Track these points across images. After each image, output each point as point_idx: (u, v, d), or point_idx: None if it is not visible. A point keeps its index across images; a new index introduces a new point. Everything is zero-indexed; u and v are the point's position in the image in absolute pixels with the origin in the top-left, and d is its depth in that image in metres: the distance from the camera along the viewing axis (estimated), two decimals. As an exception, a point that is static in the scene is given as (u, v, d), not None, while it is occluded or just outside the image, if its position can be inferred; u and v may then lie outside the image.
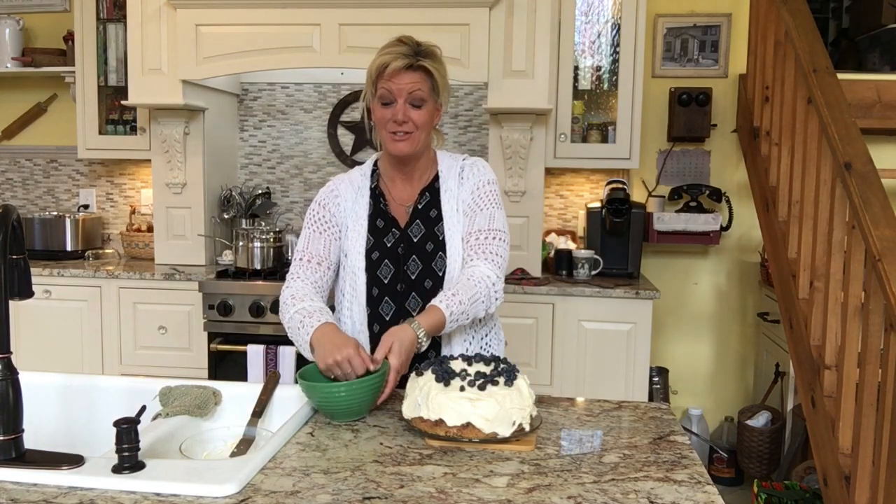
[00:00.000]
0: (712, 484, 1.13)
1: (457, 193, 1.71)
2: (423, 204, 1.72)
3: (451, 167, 1.75)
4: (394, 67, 1.58)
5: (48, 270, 3.16)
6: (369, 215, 1.71)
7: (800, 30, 2.50)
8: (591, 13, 3.28)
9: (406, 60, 1.58)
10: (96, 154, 3.51)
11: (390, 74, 1.59)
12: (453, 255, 1.67)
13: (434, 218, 1.70)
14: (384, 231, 1.70)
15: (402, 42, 1.62)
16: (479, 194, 1.70)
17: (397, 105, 1.61)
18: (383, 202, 1.72)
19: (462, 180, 1.73)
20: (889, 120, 3.17)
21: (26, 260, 1.18)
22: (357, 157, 3.60)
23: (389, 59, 1.58)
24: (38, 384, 1.51)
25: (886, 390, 1.76)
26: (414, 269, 1.68)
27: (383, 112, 1.63)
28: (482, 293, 1.58)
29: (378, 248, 1.69)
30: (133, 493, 1.04)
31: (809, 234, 2.36)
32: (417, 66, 1.59)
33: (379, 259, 1.68)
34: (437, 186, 1.73)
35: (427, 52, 1.62)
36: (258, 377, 2.85)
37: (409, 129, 1.62)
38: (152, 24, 3.10)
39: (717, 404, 3.59)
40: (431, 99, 1.63)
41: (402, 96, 1.60)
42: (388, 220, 1.71)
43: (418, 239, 1.69)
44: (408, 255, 1.68)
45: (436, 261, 1.67)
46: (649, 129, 3.46)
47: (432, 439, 1.26)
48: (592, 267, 3.13)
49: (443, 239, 1.68)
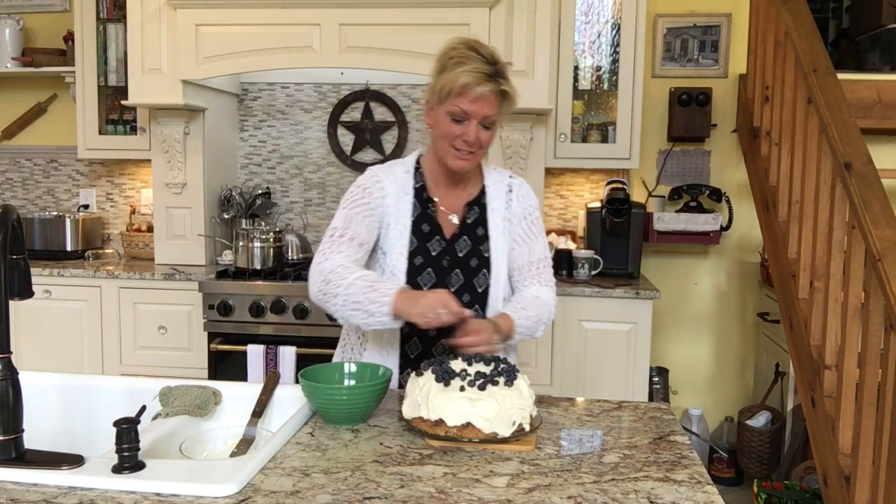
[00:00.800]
0: (712, 484, 1.13)
1: (504, 213, 1.72)
2: (472, 220, 1.70)
3: (497, 183, 1.74)
4: (479, 93, 1.52)
5: (48, 270, 3.16)
6: (414, 217, 1.68)
7: (800, 30, 2.50)
8: (591, 13, 3.28)
9: (492, 86, 1.53)
10: (96, 154, 3.51)
11: (474, 98, 1.53)
12: (497, 274, 1.69)
13: (481, 236, 1.70)
14: (428, 237, 1.67)
15: (478, 53, 1.54)
16: (532, 221, 1.74)
17: (470, 125, 1.56)
18: (431, 208, 1.69)
19: (510, 202, 1.73)
20: (889, 120, 3.17)
21: (26, 260, 1.18)
22: (357, 157, 3.60)
23: (473, 82, 1.52)
24: (38, 384, 1.51)
25: (886, 390, 1.76)
26: (455, 283, 1.67)
27: (451, 127, 1.57)
28: (545, 315, 1.67)
29: (421, 254, 1.66)
30: (133, 493, 1.05)
31: (809, 234, 2.36)
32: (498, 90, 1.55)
33: (422, 266, 1.66)
34: (483, 202, 1.72)
35: (504, 73, 1.56)
36: (258, 377, 2.85)
37: (476, 148, 1.59)
38: (152, 24, 3.09)
39: (717, 404, 3.59)
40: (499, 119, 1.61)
41: (478, 118, 1.56)
42: (433, 226, 1.68)
43: (464, 254, 1.68)
44: (451, 268, 1.67)
45: (478, 277, 1.68)
46: (649, 129, 3.46)
47: (432, 439, 1.26)
48: (592, 267, 3.13)
49: (488, 257, 1.69)
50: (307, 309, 2.90)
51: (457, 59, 1.54)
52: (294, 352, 2.86)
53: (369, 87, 3.57)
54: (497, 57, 1.57)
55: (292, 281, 2.95)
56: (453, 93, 1.54)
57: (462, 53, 1.54)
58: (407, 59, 2.90)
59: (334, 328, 2.97)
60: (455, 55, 1.54)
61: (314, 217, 3.67)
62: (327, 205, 3.66)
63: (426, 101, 1.62)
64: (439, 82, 1.56)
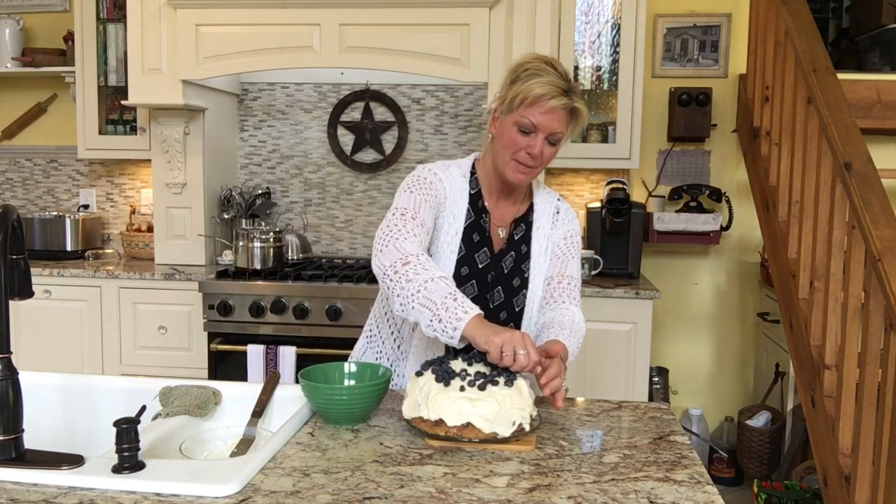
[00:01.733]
0: (712, 484, 1.13)
1: (548, 234, 1.70)
2: (519, 236, 1.68)
3: (546, 203, 1.72)
4: (552, 106, 1.50)
5: (48, 270, 3.16)
6: (466, 224, 1.63)
7: (800, 30, 2.50)
8: (591, 13, 3.28)
9: (565, 101, 1.51)
10: (96, 154, 3.51)
11: (546, 110, 1.50)
12: (533, 295, 1.66)
13: (524, 254, 1.67)
14: (477, 247, 1.64)
15: (554, 68, 1.53)
16: (572, 242, 1.72)
17: (537, 138, 1.53)
18: (485, 218, 1.65)
19: (555, 224, 1.71)
20: (889, 120, 3.17)
21: (26, 260, 1.18)
22: (357, 157, 3.60)
23: (549, 94, 1.49)
24: (38, 384, 1.51)
25: (886, 390, 1.76)
26: (497, 299, 1.64)
27: (517, 138, 1.54)
28: (581, 338, 1.62)
29: (468, 265, 1.62)
30: (133, 493, 1.04)
31: (809, 234, 2.36)
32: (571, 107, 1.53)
33: (467, 277, 1.62)
34: (530, 220, 1.69)
35: (576, 91, 1.55)
36: (258, 377, 2.85)
37: (538, 163, 1.56)
38: (152, 24, 3.09)
39: (717, 404, 3.59)
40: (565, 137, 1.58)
41: (546, 132, 1.53)
42: (484, 237, 1.65)
43: (508, 271, 1.66)
44: (495, 284, 1.65)
45: (517, 296, 1.65)
46: (649, 129, 3.46)
47: (432, 439, 1.26)
48: (592, 267, 3.13)
49: (527, 277, 1.67)
50: (307, 309, 2.90)
51: (532, 70, 1.52)
52: (294, 352, 2.86)
53: (369, 87, 3.57)
54: (569, 76, 1.55)
55: (292, 281, 2.95)
56: (525, 103, 1.50)
57: (537, 66, 1.52)
58: (407, 59, 2.90)
59: (334, 328, 2.99)
60: (530, 67, 1.52)
61: (314, 217, 3.67)
62: (327, 205, 3.65)
63: (492, 109, 1.60)
64: (511, 91, 1.52)
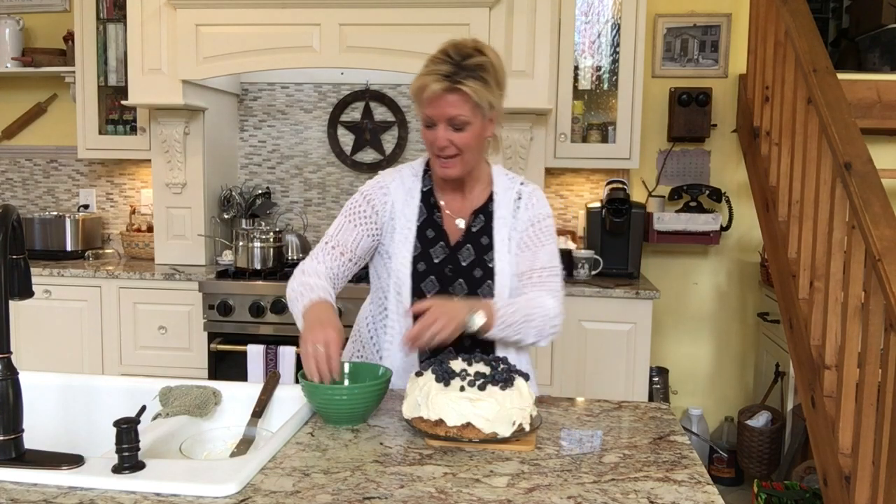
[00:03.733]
0: (712, 484, 1.13)
1: (511, 223, 1.65)
2: (477, 228, 1.66)
3: (506, 190, 1.68)
4: (431, 92, 1.49)
5: (48, 270, 3.16)
6: (420, 222, 1.65)
7: (800, 30, 2.50)
8: (591, 13, 3.28)
9: (444, 84, 1.48)
10: (96, 154, 3.51)
11: (429, 100, 1.51)
12: (500, 285, 1.63)
13: (485, 245, 1.65)
14: (432, 243, 1.65)
15: (447, 56, 1.50)
16: (540, 228, 1.66)
17: (438, 129, 1.53)
18: (437, 213, 1.66)
19: (518, 210, 1.66)
20: (889, 120, 3.17)
21: (26, 260, 1.18)
22: (357, 157, 3.60)
23: (427, 82, 1.49)
24: (38, 384, 1.51)
25: (886, 390, 1.76)
26: (459, 292, 1.63)
27: (427, 135, 1.56)
28: (539, 318, 1.57)
29: (424, 260, 1.63)
30: (133, 493, 1.04)
31: (809, 234, 2.36)
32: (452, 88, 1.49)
33: (425, 272, 1.63)
34: (490, 210, 1.67)
35: (471, 67, 1.49)
36: (258, 377, 2.85)
37: (453, 152, 1.54)
38: (152, 24, 3.09)
39: (717, 404, 3.59)
40: (477, 117, 1.52)
41: (443, 121, 1.52)
42: (438, 232, 1.65)
43: (467, 264, 1.64)
44: (455, 277, 1.64)
45: (482, 288, 1.64)
46: (649, 129, 3.46)
47: (432, 439, 1.26)
48: (592, 267, 3.13)
49: (492, 267, 1.64)
50: (307, 309, 2.89)
51: (425, 64, 1.53)
52: (294, 352, 2.85)
53: (369, 87, 3.57)
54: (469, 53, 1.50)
55: (292, 281, 2.95)
56: (415, 100, 1.55)
57: (431, 57, 1.53)
58: (407, 59, 2.89)
59: (334, 328, 2.99)
60: (427, 61, 1.54)
61: (314, 217, 3.67)
62: (327, 205, 3.65)
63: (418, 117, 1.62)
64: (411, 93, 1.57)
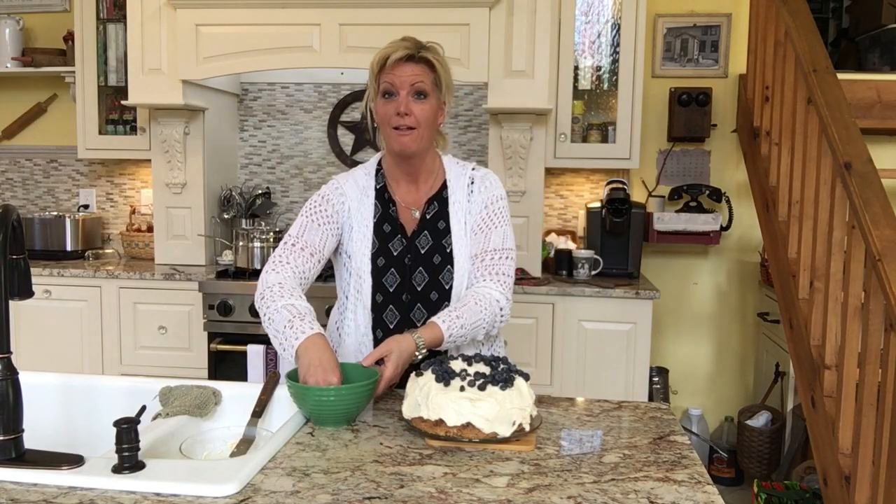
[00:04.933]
0: (712, 484, 1.13)
1: (466, 206, 1.69)
2: (431, 214, 1.69)
3: (459, 176, 1.72)
4: (395, 58, 1.57)
5: (48, 270, 3.16)
6: (376, 218, 1.68)
7: (800, 30, 2.50)
8: (591, 13, 3.28)
9: (408, 52, 1.58)
10: (96, 154, 3.51)
11: (392, 66, 1.58)
12: (460, 270, 1.66)
13: (442, 230, 1.68)
14: (390, 236, 1.67)
15: (404, 39, 1.62)
16: (493, 210, 1.69)
17: (400, 97, 1.59)
18: (392, 208, 1.69)
19: (471, 193, 1.70)
20: (889, 120, 3.18)
21: (26, 260, 1.18)
22: (357, 157, 3.60)
23: (391, 51, 1.58)
24: (38, 384, 1.51)
25: (886, 390, 1.76)
26: (420, 281, 1.66)
27: (386, 107, 1.61)
28: (486, 318, 1.59)
29: (384, 255, 1.66)
30: (133, 493, 1.04)
31: (809, 234, 2.36)
32: (419, 57, 1.59)
33: (385, 266, 1.66)
34: (444, 196, 1.70)
35: (429, 47, 1.63)
36: (258, 377, 2.85)
37: (412, 122, 1.59)
38: (152, 24, 3.09)
39: (717, 404, 3.59)
40: (434, 94, 1.62)
41: (405, 88, 1.58)
42: (395, 225, 1.68)
43: (426, 251, 1.67)
44: (415, 266, 1.66)
45: (443, 274, 1.66)
46: (649, 129, 3.46)
47: (432, 439, 1.26)
48: (592, 267, 3.13)
49: (450, 252, 1.66)
50: (307, 309, 2.89)
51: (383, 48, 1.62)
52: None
53: (369, 87, 3.56)
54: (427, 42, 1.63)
55: (292, 281, 2.95)
56: (375, 70, 1.61)
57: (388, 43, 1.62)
58: (407, 59, 2.89)
59: (334, 328, 2.99)
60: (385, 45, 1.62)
61: (314, 217, 3.66)
62: (327, 205, 3.65)
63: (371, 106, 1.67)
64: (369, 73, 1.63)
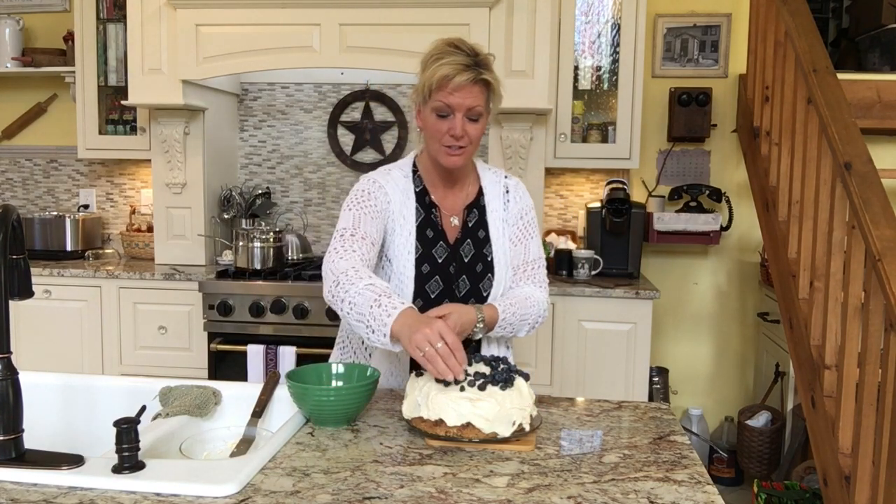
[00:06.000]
0: (712, 484, 1.13)
1: (502, 215, 1.72)
2: (473, 222, 1.69)
3: (494, 183, 1.73)
4: (458, 83, 1.51)
5: (48, 270, 3.16)
6: (418, 222, 1.65)
7: (800, 30, 2.50)
8: (591, 13, 3.28)
9: (470, 74, 1.51)
10: (96, 154, 3.51)
11: (453, 89, 1.51)
12: (499, 278, 1.68)
13: (482, 239, 1.69)
14: (433, 243, 1.65)
15: (458, 48, 1.54)
16: (527, 221, 1.74)
17: (455, 119, 1.54)
18: (434, 213, 1.67)
19: (507, 203, 1.73)
20: (889, 120, 3.18)
21: (26, 260, 1.18)
22: (357, 157, 3.60)
23: (452, 73, 1.50)
24: (38, 384, 1.51)
25: (886, 390, 1.76)
26: (462, 289, 1.66)
27: (438, 124, 1.56)
28: (533, 315, 1.65)
29: (428, 261, 1.64)
30: (133, 493, 1.05)
31: (809, 234, 2.36)
32: (479, 79, 1.53)
33: (429, 273, 1.63)
34: (482, 204, 1.71)
35: (486, 63, 1.56)
36: (258, 377, 2.85)
37: (464, 143, 1.57)
38: (152, 24, 3.09)
39: (717, 404, 3.59)
40: (487, 112, 1.59)
41: (462, 111, 1.54)
42: (437, 231, 1.66)
43: (469, 259, 1.67)
44: (459, 274, 1.66)
45: (483, 282, 1.67)
46: (649, 129, 3.46)
47: (432, 439, 1.26)
48: (592, 267, 3.13)
49: (491, 260, 1.68)
50: (307, 309, 2.90)
51: (436, 55, 1.54)
52: (294, 352, 2.86)
53: (369, 87, 3.57)
54: (479, 50, 1.56)
55: (292, 281, 2.95)
56: (434, 87, 1.53)
57: (441, 49, 1.54)
58: (407, 59, 2.89)
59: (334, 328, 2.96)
60: (435, 53, 1.55)
61: (314, 217, 3.67)
62: (327, 205, 3.66)
63: (414, 104, 1.62)
64: (421, 81, 1.56)
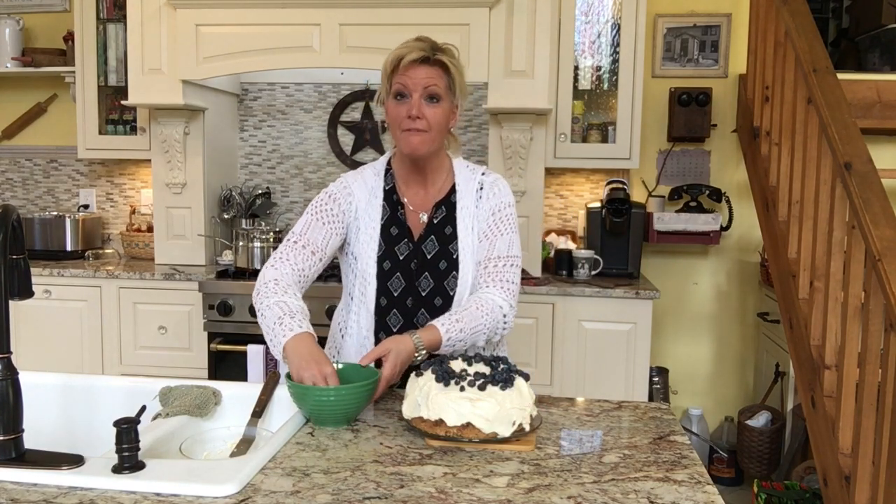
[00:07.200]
0: (712, 484, 1.13)
1: (474, 212, 1.67)
2: (439, 219, 1.68)
3: (468, 181, 1.70)
4: (409, 59, 1.55)
5: (48, 270, 3.16)
6: (383, 220, 1.67)
7: (800, 30, 2.50)
8: (591, 13, 3.28)
9: (422, 53, 1.56)
10: (96, 154, 3.51)
11: (405, 67, 1.55)
12: (465, 276, 1.65)
13: (448, 235, 1.66)
14: (397, 240, 1.66)
15: (419, 39, 1.59)
16: (500, 217, 1.67)
17: (412, 99, 1.56)
18: (401, 210, 1.68)
19: (480, 199, 1.68)
20: (889, 120, 3.18)
21: (26, 260, 1.17)
22: (357, 158, 3.60)
23: (405, 52, 1.56)
24: (38, 384, 1.51)
25: (886, 390, 1.76)
26: (425, 286, 1.65)
27: (398, 108, 1.58)
28: (487, 324, 1.57)
29: (390, 258, 1.64)
30: (133, 493, 1.04)
31: (809, 234, 2.36)
32: (434, 60, 1.57)
33: (391, 270, 1.64)
34: (453, 201, 1.69)
35: (443, 49, 1.60)
36: (258, 377, 2.85)
37: (423, 126, 1.56)
38: (152, 24, 3.10)
39: (717, 404, 3.59)
40: (448, 97, 1.60)
41: (418, 90, 1.56)
42: (402, 228, 1.67)
43: (432, 256, 1.65)
44: (420, 271, 1.65)
45: (448, 280, 1.65)
46: (649, 129, 3.46)
47: (432, 439, 1.26)
48: (592, 267, 3.13)
49: (456, 258, 1.65)
50: (307, 309, 2.89)
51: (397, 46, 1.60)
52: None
53: (369, 87, 3.57)
54: (441, 43, 1.61)
55: (292, 281, 2.95)
56: (388, 71, 1.58)
57: (404, 42, 1.60)
58: (407, 59, 2.90)
59: (334, 328, 2.99)
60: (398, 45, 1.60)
61: (314, 217, 3.66)
62: (327, 205, 3.65)
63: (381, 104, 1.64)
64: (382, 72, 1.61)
